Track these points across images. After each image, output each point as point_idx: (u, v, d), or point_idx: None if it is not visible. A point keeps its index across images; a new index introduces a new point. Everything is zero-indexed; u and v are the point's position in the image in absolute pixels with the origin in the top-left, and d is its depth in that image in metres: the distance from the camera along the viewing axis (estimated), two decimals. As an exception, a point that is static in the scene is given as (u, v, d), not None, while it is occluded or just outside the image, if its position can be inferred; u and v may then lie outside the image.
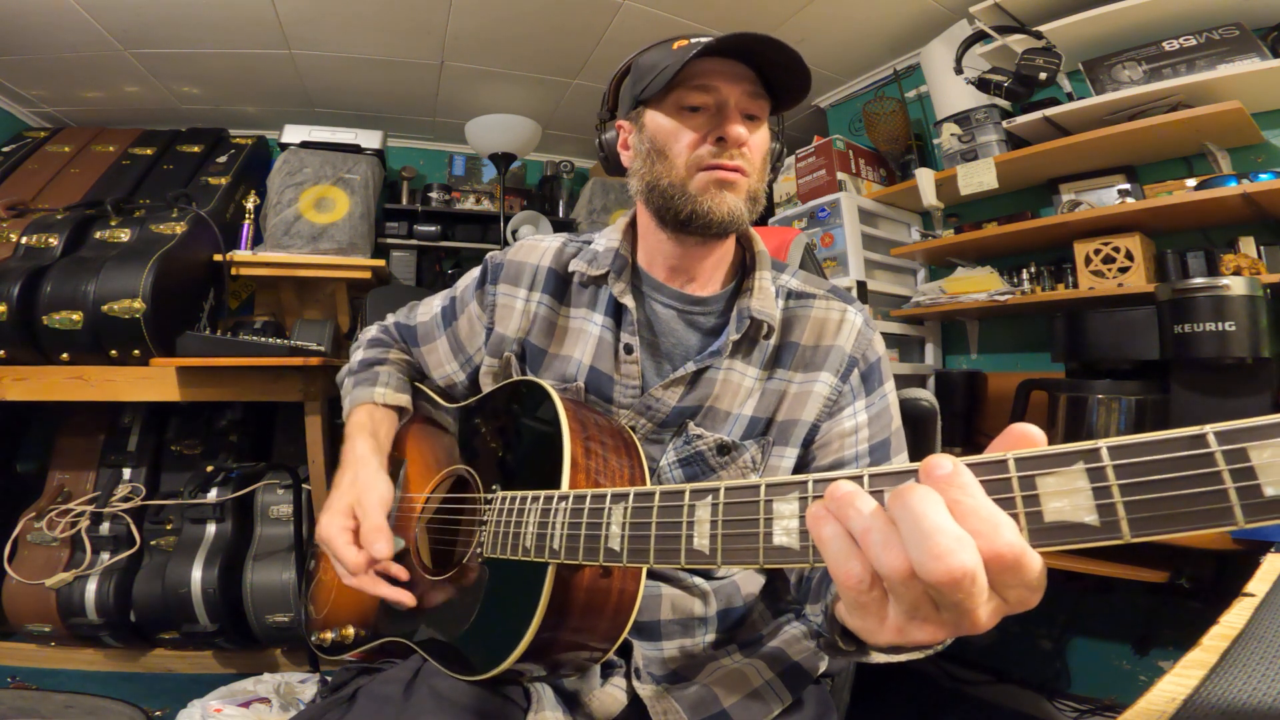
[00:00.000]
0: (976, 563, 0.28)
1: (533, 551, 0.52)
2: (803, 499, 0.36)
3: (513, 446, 0.67)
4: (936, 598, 0.29)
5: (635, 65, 0.71)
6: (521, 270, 0.77)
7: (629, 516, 0.45)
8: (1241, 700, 0.41)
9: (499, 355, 0.77)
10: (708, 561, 0.40)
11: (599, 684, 0.66)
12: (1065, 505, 0.28)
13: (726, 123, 0.63)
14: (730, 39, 0.60)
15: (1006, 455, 0.30)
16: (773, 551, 0.37)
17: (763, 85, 0.65)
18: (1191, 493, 0.26)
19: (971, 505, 0.29)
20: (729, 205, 0.64)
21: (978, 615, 0.30)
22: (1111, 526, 0.27)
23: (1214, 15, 1.50)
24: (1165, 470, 0.27)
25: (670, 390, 0.69)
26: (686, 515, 0.41)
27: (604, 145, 0.77)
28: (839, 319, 0.72)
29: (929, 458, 0.31)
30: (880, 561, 0.30)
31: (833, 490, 0.33)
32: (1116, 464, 0.27)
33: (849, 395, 0.71)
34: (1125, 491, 0.27)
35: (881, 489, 0.33)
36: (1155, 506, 0.27)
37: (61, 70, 2.25)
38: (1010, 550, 0.28)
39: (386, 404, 0.79)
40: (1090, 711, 1.59)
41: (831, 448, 0.71)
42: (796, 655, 0.72)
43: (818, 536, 0.33)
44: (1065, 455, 0.29)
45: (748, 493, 0.38)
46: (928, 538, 0.28)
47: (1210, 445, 0.26)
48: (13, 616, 1.73)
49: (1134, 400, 1.37)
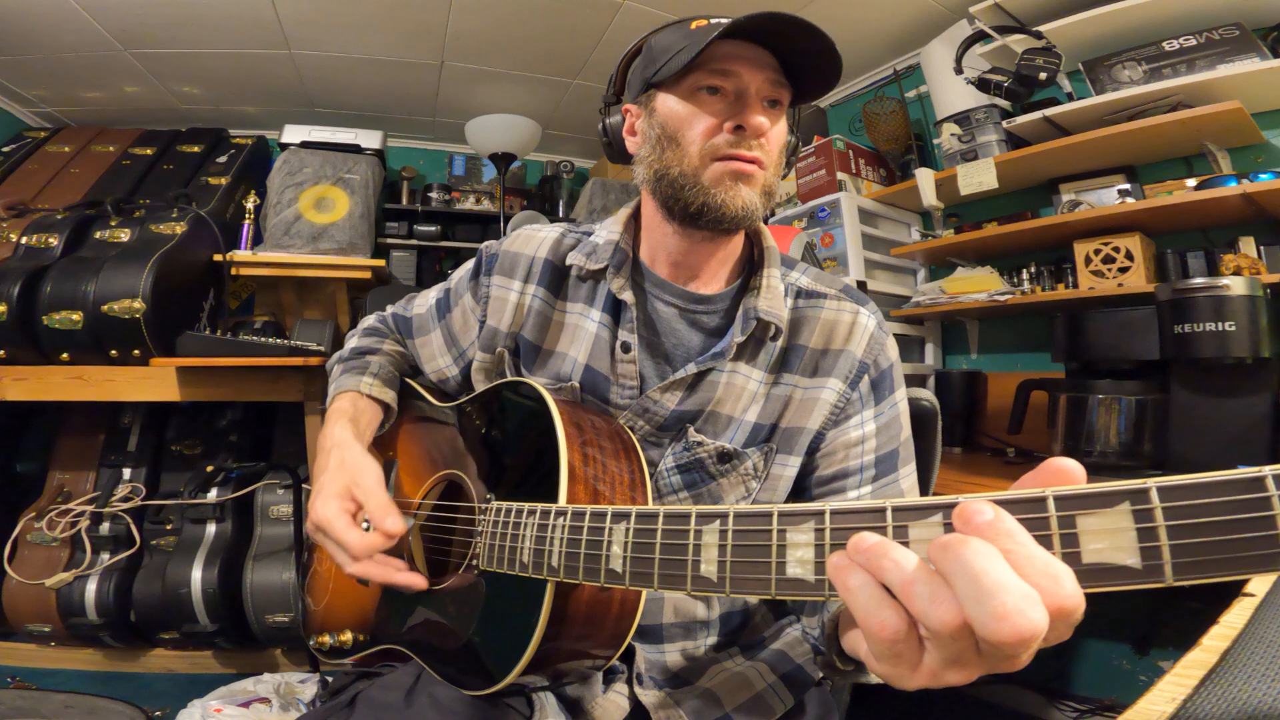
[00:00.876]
0: (1045, 620, 0.26)
1: (530, 568, 0.50)
2: (819, 530, 0.34)
3: (507, 453, 0.65)
4: (987, 650, 0.28)
5: (648, 45, 0.66)
6: (517, 261, 0.73)
7: (631, 537, 0.43)
8: (1241, 700, 0.41)
9: (491, 350, 0.74)
10: (715, 590, 0.38)
11: (601, 691, 0.66)
12: (1106, 546, 0.27)
13: (747, 111, 0.59)
14: (757, 20, 0.55)
15: (1045, 493, 0.29)
16: (785, 583, 0.35)
17: (785, 73, 0.61)
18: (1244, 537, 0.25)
19: (1025, 555, 0.27)
20: (744, 199, 0.60)
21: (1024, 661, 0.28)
22: (1154, 570, 0.26)
23: (1214, 15, 1.50)
24: (1218, 513, 0.25)
25: (669, 393, 0.66)
26: (693, 539, 0.39)
27: (608, 130, 0.72)
28: (850, 321, 0.68)
29: (964, 503, 0.29)
30: (928, 616, 0.28)
31: (858, 543, 0.31)
32: (1166, 506, 0.26)
33: (857, 403, 0.68)
34: (1173, 534, 0.26)
35: (905, 524, 0.31)
36: (1203, 551, 0.25)
37: (61, 70, 2.25)
38: (1072, 601, 0.27)
39: (372, 395, 0.75)
40: (1090, 711, 1.59)
41: (836, 457, 0.68)
42: (798, 658, 0.71)
43: (843, 586, 0.31)
44: (1110, 495, 0.27)
45: (759, 520, 0.36)
46: (991, 597, 0.26)
47: (1270, 489, 0.24)
48: (13, 616, 1.73)
49: (1134, 400, 1.37)
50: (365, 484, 0.62)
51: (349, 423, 0.70)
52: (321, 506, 0.62)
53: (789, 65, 0.61)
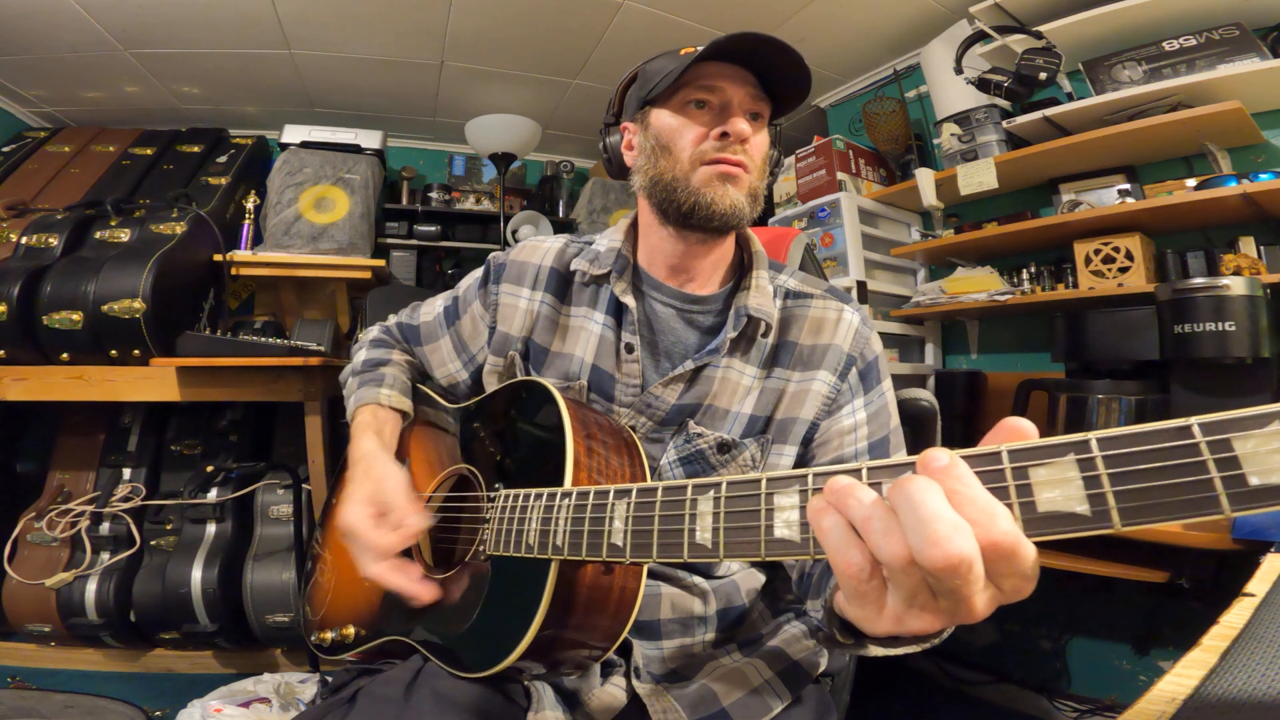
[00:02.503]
0: (974, 549, 0.28)
1: (536, 548, 0.53)
2: (803, 492, 0.37)
3: (515, 446, 0.68)
4: (934, 585, 0.30)
5: (642, 71, 0.73)
6: (524, 270, 0.79)
7: (632, 511, 0.45)
8: (1241, 700, 0.41)
9: (504, 354, 0.78)
10: (710, 555, 0.40)
11: (599, 683, 0.66)
12: (1057, 495, 0.29)
13: (730, 118, 0.66)
14: (734, 40, 0.62)
15: (1000, 448, 0.31)
16: (774, 544, 0.37)
17: (765, 90, 0.68)
18: (1179, 482, 0.27)
19: (968, 495, 0.30)
20: (731, 198, 0.66)
21: (974, 603, 0.30)
22: (1102, 516, 0.28)
23: (1214, 15, 1.50)
24: (1153, 460, 0.27)
25: (669, 388, 0.70)
26: (689, 509, 0.42)
27: (608, 148, 0.79)
28: (836, 318, 0.73)
29: (926, 451, 0.32)
30: (880, 549, 0.31)
31: (832, 483, 0.34)
32: (1105, 454, 0.28)
33: (847, 393, 0.72)
34: (1115, 481, 0.28)
35: (880, 481, 0.34)
36: (1144, 496, 0.27)
37: (61, 70, 2.25)
38: (1006, 538, 0.29)
39: (392, 406, 0.79)
40: (1090, 711, 1.59)
41: (831, 445, 0.71)
42: (796, 654, 0.72)
43: (818, 527, 0.33)
44: (1057, 447, 0.30)
45: (749, 486, 0.39)
46: (926, 524, 0.29)
47: (1195, 436, 0.27)
48: (13, 616, 1.73)
49: (1134, 400, 1.37)
50: (389, 490, 0.66)
51: (374, 435, 0.74)
52: (348, 512, 0.66)
53: (767, 82, 0.68)
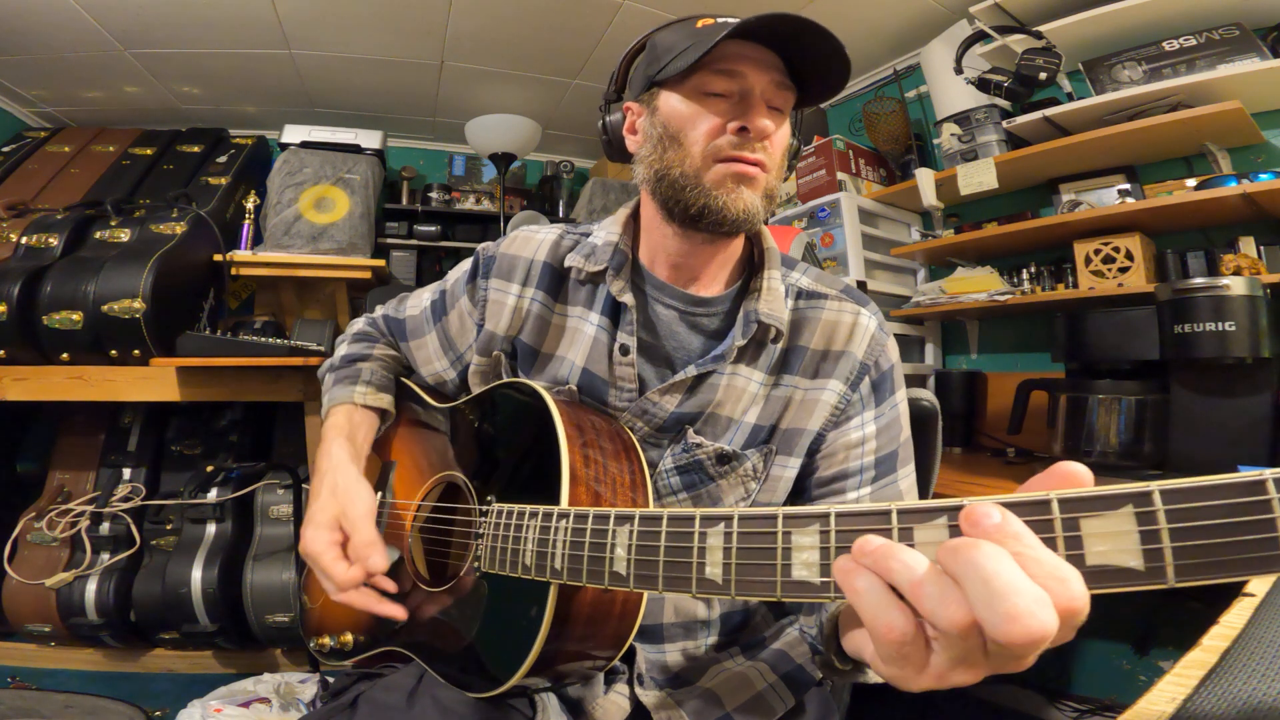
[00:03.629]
0: (1055, 621, 0.26)
1: (533, 570, 0.50)
2: (824, 532, 0.34)
3: (507, 454, 0.64)
4: (995, 650, 0.28)
5: (652, 43, 0.65)
6: (515, 265, 0.72)
7: (635, 540, 0.43)
8: (1241, 700, 0.41)
9: (488, 354, 0.73)
10: (721, 592, 0.38)
11: (602, 691, 0.66)
12: (1109, 549, 0.28)
13: (752, 112, 0.58)
14: (767, 20, 0.54)
15: (1050, 495, 0.29)
16: (791, 585, 0.35)
17: (790, 75, 0.60)
18: (1245, 539, 0.25)
19: (1034, 557, 0.27)
20: (745, 202, 0.59)
21: (1030, 661, 0.29)
22: (1157, 572, 0.27)
23: (1214, 15, 1.50)
24: (1219, 516, 0.26)
25: (669, 395, 0.66)
26: (697, 542, 0.39)
27: (608, 128, 0.71)
28: (851, 322, 0.68)
29: (971, 505, 0.29)
30: (938, 617, 0.28)
31: (864, 545, 0.31)
32: (1169, 509, 0.27)
33: (858, 405, 0.68)
34: (1175, 536, 0.26)
35: (910, 526, 0.32)
36: (1205, 553, 0.26)
37: (61, 70, 2.25)
38: (1078, 603, 0.27)
39: (367, 404, 0.74)
40: (1090, 711, 1.59)
41: (836, 459, 0.68)
42: (799, 658, 0.71)
43: (850, 588, 0.31)
44: (1113, 498, 0.28)
45: (764, 523, 0.36)
46: (1003, 599, 0.26)
47: (1270, 492, 0.25)
48: (13, 616, 1.73)
49: (1134, 400, 1.37)
50: (354, 515, 0.63)
51: (345, 441, 0.70)
52: (311, 537, 0.62)
53: (794, 67, 0.60)
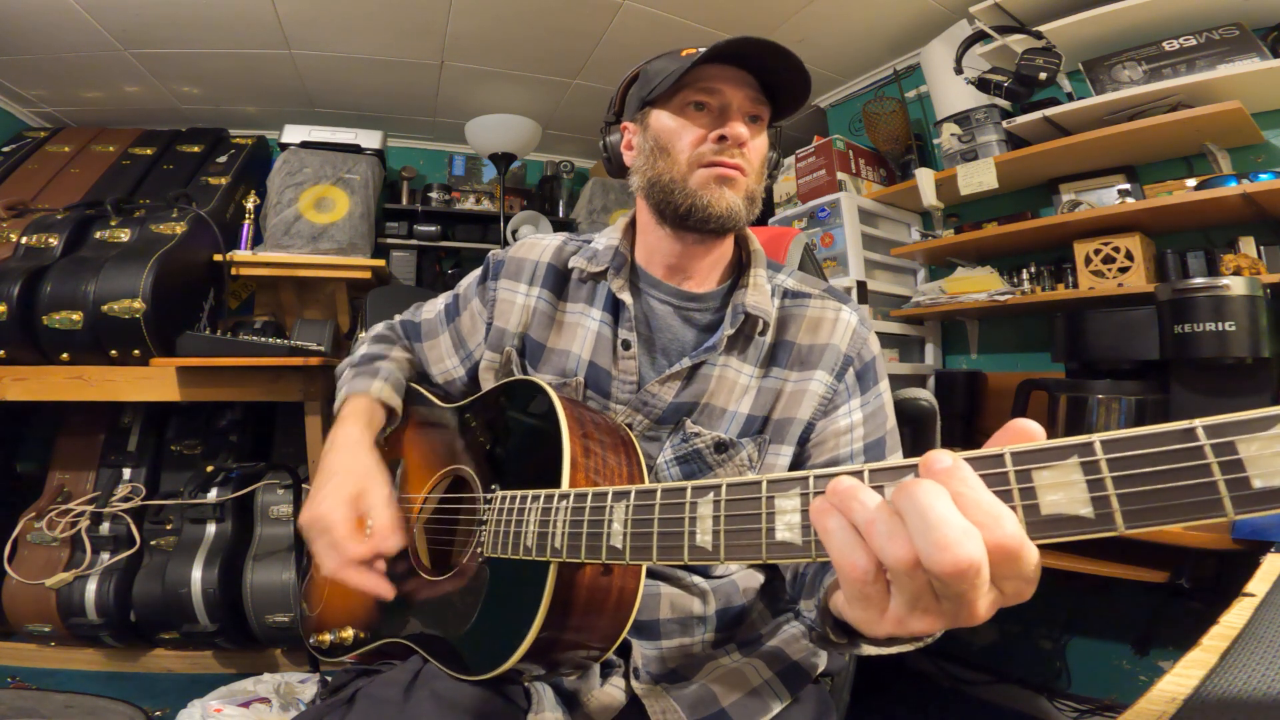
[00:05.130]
0: (982, 554, 0.28)
1: (534, 550, 0.52)
2: (804, 494, 0.36)
3: (511, 446, 0.67)
4: (939, 588, 0.30)
5: (644, 72, 0.73)
6: (522, 266, 0.79)
7: (631, 514, 0.45)
8: (1241, 701, 0.41)
9: (499, 350, 0.78)
10: (710, 558, 0.40)
11: (598, 684, 0.66)
12: (1061, 498, 0.29)
13: (729, 121, 0.66)
14: (735, 44, 0.63)
15: (1003, 450, 0.31)
16: (775, 547, 0.37)
17: (765, 93, 0.68)
18: (1182, 485, 0.27)
19: (974, 498, 0.29)
20: (728, 201, 0.66)
21: (977, 606, 0.30)
22: (1106, 518, 0.28)
23: (1214, 15, 1.50)
24: (1157, 463, 0.27)
25: (666, 386, 0.70)
26: (689, 512, 0.41)
27: (608, 147, 0.79)
28: (834, 318, 0.74)
29: (929, 453, 0.31)
30: (885, 552, 0.30)
31: (835, 485, 0.33)
32: (1109, 457, 0.28)
33: (844, 394, 0.72)
34: (1119, 484, 0.28)
35: (881, 484, 0.34)
36: (1148, 499, 0.27)
37: (61, 70, 2.25)
38: (1013, 541, 0.29)
39: (381, 399, 0.78)
40: (1090, 711, 1.59)
41: (827, 446, 0.72)
42: (795, 654, 0.72)
43: (821, 529, 0.33)
44: (1060, 449, 0.30)
45: (749, 489, 0.39)
46: (934, 529, 0.28)
47: (1200, 439, 0.27)
48: (13, 616, 1.73)
49: (1134, 400, 1.37)
50: (375, 498, 0.66)
51: (365, 425, 0.74)
52: (330, 506, 0.64)
53: (767, 85, 0.68)
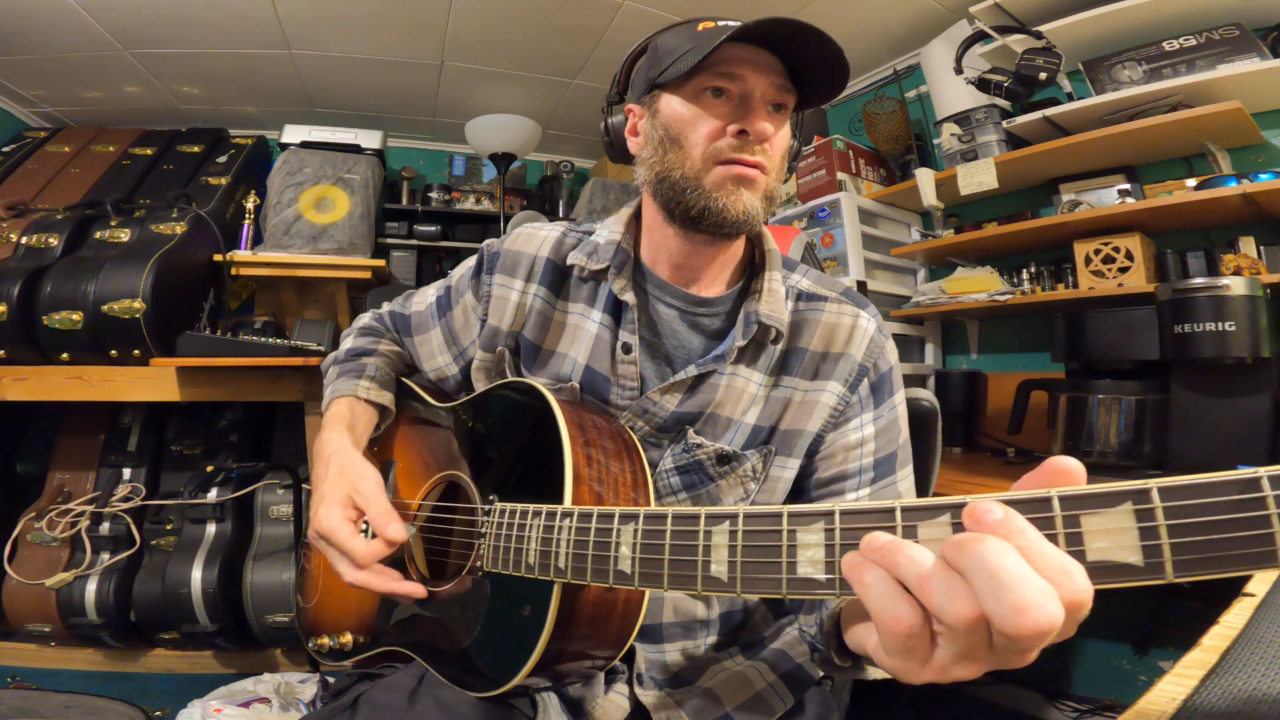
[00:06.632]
0: (1061, 614, 0.27)
1: (536, 569, 0.50)
2: (829, 530, 0.35)
3: (509, 453, 0.64)
4: (1002, 644, 0.29)
5: (653, 46, 0.65)
6: (519, 260, 0.73)
7: (640, 538, 0.43)
8: (1241, 700, 0.41)
9: (492, 349, 0.73)
10: (726, 590, 0.38)
11: (603, 691, 0.66)
12: (1109, 545, 0.28)
13: (752, 115, 0.59)
14: (767, 24, 0.55)
15: (1051, 493, 0.29)
16: (796, 582, 0.35)
17: (790, 78, 0.61)
18: (1241, 535, 0.26)
19: (1039, 551, 0.28)
20: (745, 204, 0.60)
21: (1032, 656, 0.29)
22: (1156, 567, 0.27)
23: (1214, 15, 1.50)
24: (1216, 513, 0.26)
25: (669, 395, 0.66)
26: (702, 540, 0.39)
27: (610, 129, 0.71)
28: (851, 324, 0.68)
29: (975, 502, 0.30)
30: (945, 610, 0.29)
31: (872, 540, 0.32)
32: (1166, 505, 0.27)
33: (857, 406, 0.68)
34: (1173, 533, 0.27)
35: (914, 524, 0.32)
36: (1202, 549, 0.26)
37: (61, 70, 2.25)
38: (1085, 595, 0.27)
39: (369, 399, 0.74)
40: (1090, 711, 1.59)
41: (835, 460, 0.68)
42: (798, 657, 0.71)
43: (858, 581, 0.32)
44: (1112, 495, 0.28)
45: (769, 520, 0.37)
46: (1010, 591, 0.27)
47: (1264, 489, 0.25)
48: (13, 616, 1.73)
49: (1134, 400, 1.37)
50: (366, 490, 0.62)
51: (346, 429, 0.69)
52: (325, 515, 0.61)
53: (794, 70, 0.61)
